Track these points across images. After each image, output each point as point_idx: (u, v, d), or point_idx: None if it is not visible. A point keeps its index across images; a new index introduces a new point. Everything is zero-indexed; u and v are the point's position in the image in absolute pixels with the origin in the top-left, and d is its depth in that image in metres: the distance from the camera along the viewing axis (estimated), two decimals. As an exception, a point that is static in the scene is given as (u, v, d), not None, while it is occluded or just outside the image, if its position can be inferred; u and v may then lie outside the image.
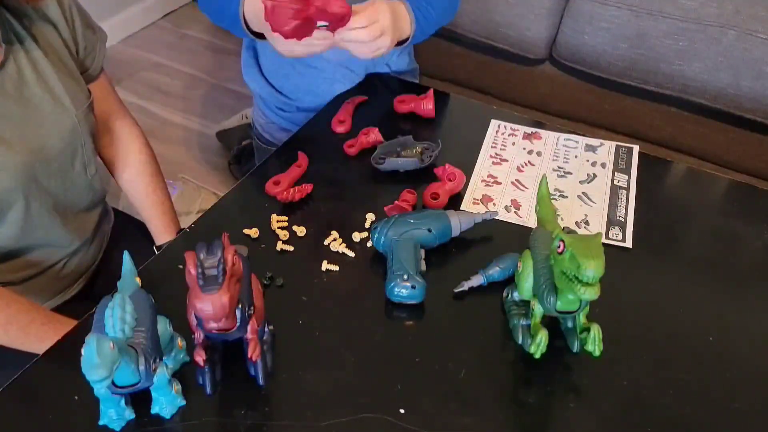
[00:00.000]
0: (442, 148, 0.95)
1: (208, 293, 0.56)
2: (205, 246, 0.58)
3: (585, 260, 0.59)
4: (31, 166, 0.84)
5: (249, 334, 0.63)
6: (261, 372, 0.66)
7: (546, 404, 0.68)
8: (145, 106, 2.27)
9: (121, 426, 0.64)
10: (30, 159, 0.84)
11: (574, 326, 0.70)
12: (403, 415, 0.66)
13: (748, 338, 0.75)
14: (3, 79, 0.81)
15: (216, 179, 1.97)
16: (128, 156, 1.07)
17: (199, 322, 0.61)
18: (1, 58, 0.81)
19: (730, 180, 1.01)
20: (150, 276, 0.78)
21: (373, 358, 0.72)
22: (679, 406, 0.68)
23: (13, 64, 0.82)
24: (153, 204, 1.06)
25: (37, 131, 0.85)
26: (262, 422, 0.65)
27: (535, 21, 1.71)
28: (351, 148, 1.00)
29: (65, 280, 0.98)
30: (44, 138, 0.86)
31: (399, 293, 0.75)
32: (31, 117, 0.84)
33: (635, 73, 1.66)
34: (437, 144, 0.95)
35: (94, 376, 0.52)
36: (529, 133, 1.05)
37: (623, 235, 0.87)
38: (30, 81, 0.84)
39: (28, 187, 0.84)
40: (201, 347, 0.63)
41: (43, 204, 0.88)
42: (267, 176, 0.94)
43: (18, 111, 0.83)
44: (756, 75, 1.52)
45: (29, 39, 0.84)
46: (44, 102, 0.86)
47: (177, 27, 2.72)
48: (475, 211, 0.89)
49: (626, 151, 1.02)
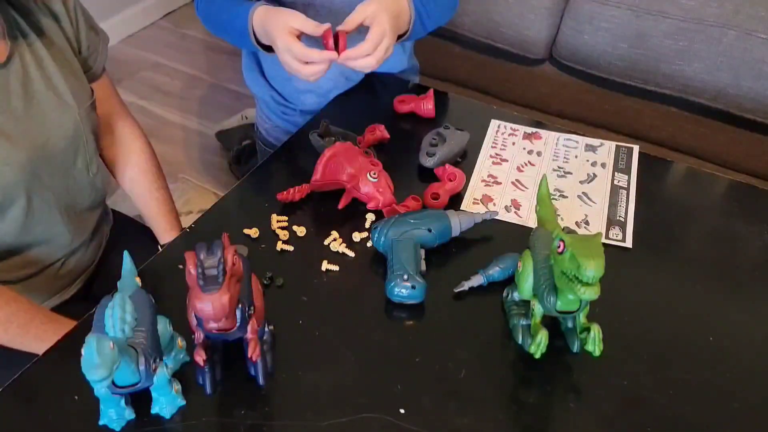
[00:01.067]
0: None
1: (208, 293, 0.56)
2: (205, 246, 0.58)
3: (585, 260, 0.59)
4: (34, 162, 0.84)
5: (249, 334, 0.64)
6: (261, 372, 0.66)
7: (546, 404, 0.68)
8: (145, 106, 2.27)
9: (121, 426, 0.64)
10: (33, 155, 0.84)
11: (574, 326, 0.70)
12: (403, 415, 0.66)
13: (748, 338, 0.75)
14: (7, 74, 0.81)
15: (216, 179, 1.97)
16: (130, 155, 1.07)
17: (199, 322, 0.61)
18: (7, 54, 0.81)
19: (730, 180, 1.00)
20: (150, 276, 0.78)
21: (373, 358, 0.72)
22: (679, 406, 0.68)
23: (17, 61, 0.83)
24: (156, 203, 1.06)
25: (40, 127, 0.85)
26: (262, 422, 0.65)
27: (535, 21, 1.71)
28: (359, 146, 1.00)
29: (64, 280, 0.98)
30: (47, 134, 0.86)
31: (399, 293, 0.75)
32: (34, 113, 0.84)
33: (635, 73, 1.66)
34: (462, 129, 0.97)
35: (94, 376, 0.52)
36: (529, 133, 1.05)
37: (623, 235, 0.87)
38: (34, 77, 0.84)
39: (30, 183, 0.85)
40: (201, 347, 0.63)
41: (44, 201, 0.88)
42: (267, 176, 0.94)
43: (22, 107, 0.83)
44: (756, 75, 1.52)
45: (33, 36, 0.85)
46: (48, 99, 0.86)
47: (177, 27, 2.72)
48: (475, 211, 0.89)
49: (626, 151, 1.02)
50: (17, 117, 0.82)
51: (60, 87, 0.87)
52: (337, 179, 0.89)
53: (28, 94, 0.84)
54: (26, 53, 0.84)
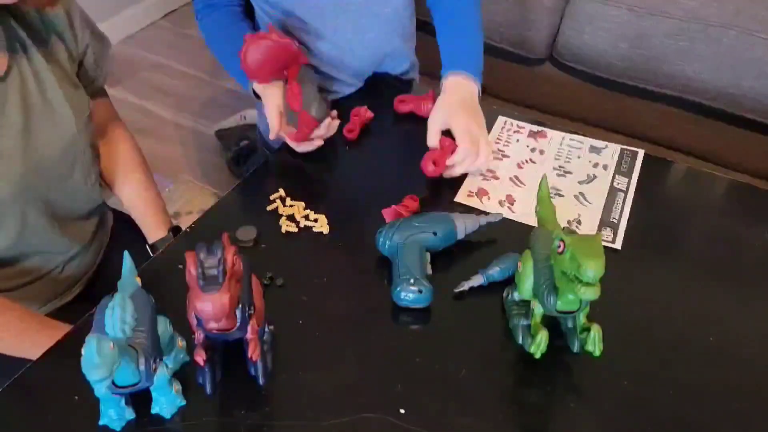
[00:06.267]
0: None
1: (209, 293, 0.56)
2: (205, 246, 0.58)
3: (585, 260, 0.59)
4: (29, 176, 0.83)
5: (249, 334, 0.63)
6: (261, 372, 0.66)
7: (546, 404, 0.68)
8: (145, 106, 2.27)
9: (121, 426, 0.64)
10: (29, 168, 0.83)
11: (574, 326, 0.70)
12: (403, 415, 0.66)
13: (748, 338, 0.75)
14: (6, 87, 0.80)
15: (216, 179, 1.97)
16: (117, 157, 1.05)
17: (199, 322, 0.61)
18: (5, 66, 0.80)
19: (730, 180, 1.00)
20: (150, 276, 0.78)
21: (373, 358, 0.72)
22: (679, 406, 0.68)
23: (16, 73, 0.81)
24: (145, 202, 1.05)
25: (37, 141, 0.84)
26: (262, 422, 0.65)
27: (535, 21, 1.72)
28: (351, 132, 1.02)
29: (64, 284, 0.97)
30: (44, 147, 0.85)
31: (406, 298, 0.75)
32: (32, 127, 0.83)
33: (635, 73, 1.66)
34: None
35: (94, 376, 0.52)
36: (535, 132, 1.05)
37: (614, 237, 0.87)
38: (32, 90, 0.83)
39: (25, 197, 0.84)
40: (201, 347, 0.63)
41: (40, 213, 0.87)
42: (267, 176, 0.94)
43: (20, 121, 0.82)
44: (756, 75, 1.52)
45: (33, 48, 0.83)
46: (45, 111, 0.85)
47: (177, 27, 2.72)
48: (470, 204, 0.90)
49: (630, 155, 1.01)
50: (15, 132, 0.81)
51: (58, 99, 0.86)
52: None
53: (26, 107, 0.82)
54: (25, 65, 0.82)
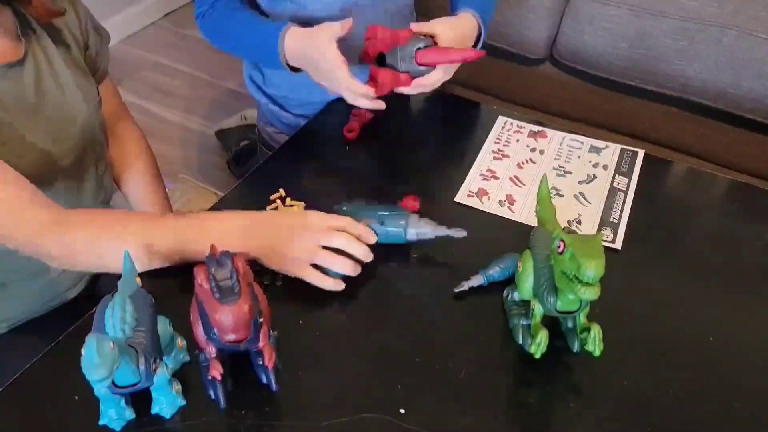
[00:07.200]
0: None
1: (227, 304, 0.56)
2: (215, 260, 0.58)
3: (585, 260, 0.59)
4: (42, 161, 0.84)
5: (261, 341, 0.63)
6: (274, 378, 0.65)
7: (546, 404, 0.68)
8: (145, 106, 2.27)
9: (121, 426, 0.64)
10: (43, 153, 0.84)
11: (574, 326, 0.70)
12: (403, 415, 0.66)
13: (748, 338, 0.75)
14: (22, 73, 0.81)
15: (216, 179, 1.97)
16: (129, 157, 1.07)
17: (211, 336, 0.60)
18: (23, 52, 0.81)
19: (730, 180, 1.00)
20: (150, 276, 0.78)
21: (373, 358, 0.72)
22: (679, 406, 0.68)
23: (31, 59, 0.82)
24: (152, 205, 1.06)
25: (51, 126, 0.85)
26: (262, 422, 0.65)
27: (535, 21, 1.71)
28: (351, 132, 1.01)
29: (63, 285, 0.97)
30: (57, 133, 0.86)
31: None
32: (46, 112, 0.84)
33: (635, 73, 1.66)
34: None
35: (94, 376, 0.52)
36: (535, 132, 1.05)
37: (614, 237, 0.87)
38: (45, 76, 0.84)
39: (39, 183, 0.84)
40: (216, 361, 0.63)
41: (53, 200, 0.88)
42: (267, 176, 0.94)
43: (34, 106, 0.83)
44: (756, 75, 1.52)
45: (44, 35, 0.85)
46: (58, 97, 0.86)
47: (177, 27, 2.72)
48: (470, 204, 0.90)
49: (630, 155, 1.01)
50: (29, 115, 0.82)
51: (70, 85, 0.87)
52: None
53: (41, 92, 0.84)
54: (38, 51, 0.84)
